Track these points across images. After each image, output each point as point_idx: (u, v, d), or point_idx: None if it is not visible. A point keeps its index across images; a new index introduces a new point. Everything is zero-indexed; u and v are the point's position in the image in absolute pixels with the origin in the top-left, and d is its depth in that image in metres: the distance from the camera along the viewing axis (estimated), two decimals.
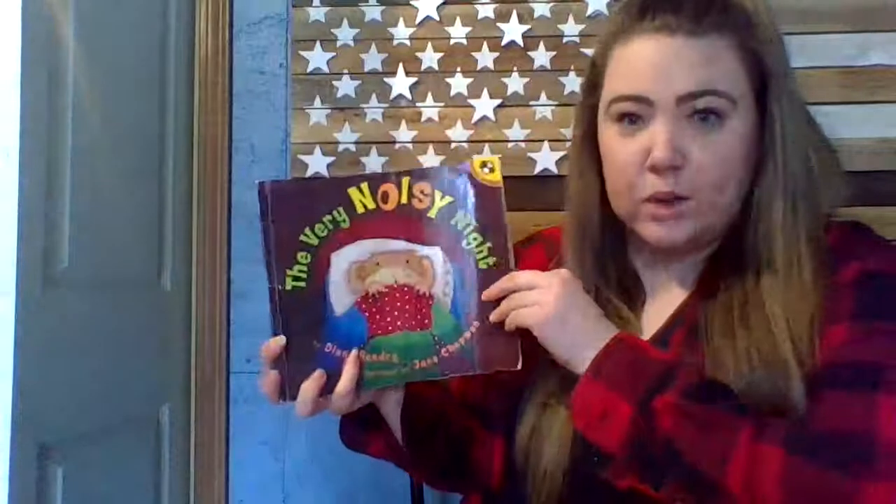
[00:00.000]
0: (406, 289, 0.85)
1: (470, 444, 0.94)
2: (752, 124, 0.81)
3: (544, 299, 0.79)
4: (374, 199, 0.85)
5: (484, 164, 0.86)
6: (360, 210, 0.85)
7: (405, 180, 0.85)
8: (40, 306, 1.18)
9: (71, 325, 1.27)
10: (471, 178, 0.86)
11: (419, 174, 0.86)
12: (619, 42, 0.82)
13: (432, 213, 0.85)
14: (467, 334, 0.84)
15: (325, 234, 0.84)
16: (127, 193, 1.45)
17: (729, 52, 0.79)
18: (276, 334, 0.83)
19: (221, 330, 1.68)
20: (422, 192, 0.85)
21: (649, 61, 0.79)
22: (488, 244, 0.85)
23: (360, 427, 0.92)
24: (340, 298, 0.84)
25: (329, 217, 0.84)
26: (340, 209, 0.84)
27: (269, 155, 1.70)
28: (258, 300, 1.67)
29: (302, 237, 0.84)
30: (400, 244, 0.85)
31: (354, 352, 0.83)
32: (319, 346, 0.83)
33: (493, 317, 0.83)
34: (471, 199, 0.86)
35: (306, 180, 0.85)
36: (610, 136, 0.84)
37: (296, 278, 0.84)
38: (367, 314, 0.84)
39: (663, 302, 0.87)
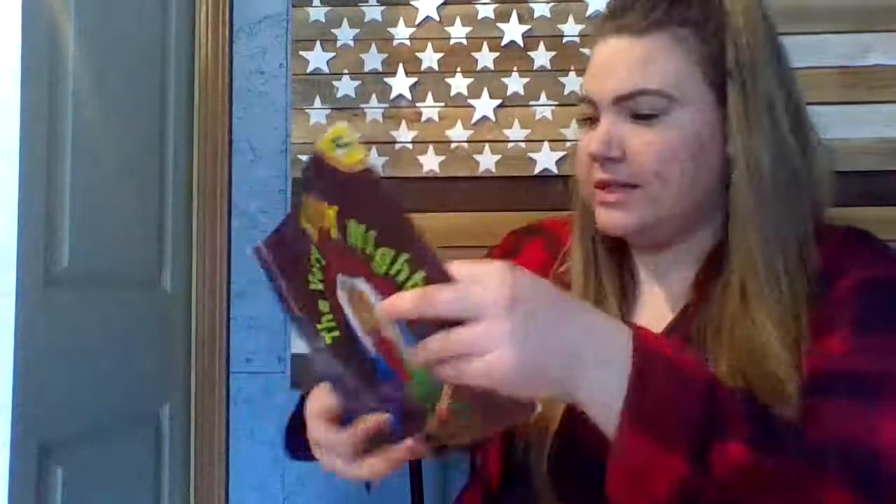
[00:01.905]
0: (375, 331, 0.63)
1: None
2: (709, 118, 0.80)
3: (494, 333, 0.54)
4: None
5: (336, 141, 0.59)
6: (316, 238, 0.66)
7: (303, 198, 0.64)
8: (40, 306, 1.18)
9: (71, 325, 1.27)
10: (327, 166, 0.60)
11: (303, 183, 0.65)
12: (595, 42, 0.85)
13: (334, 233, 0.62)
14: (447, 388, 0.59)
15: (321, 275, 0.67)
16: (127, 193, 1.45)
17: (676, 48, 0.79)
18: (346, 402, 0.68)
19: (221, 330, 1.68)
20: (314, 208, 0.63)
21: (597, 63, 0.83)
22: (405, 255, 0.57)
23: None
24: (363, 337, 0.65)
25: (314, 255, 0.66)
26: (311, 246, 0.66)
27: (269, 155, 1.70)
28: (258, 300, 1.67)
29: (311, 286, 0.67)
30: (345, 279, 0.65)
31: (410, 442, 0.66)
32: (383, 391, 0.66)
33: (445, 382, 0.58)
34: (347, 198, 0.60)
35: (280, 226, 0.69)
36: (581, 130, 0.87)
37: (329, 329, 0.67)
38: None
39: (657, 307, 0.87)
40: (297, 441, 0.88)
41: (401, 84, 1.66)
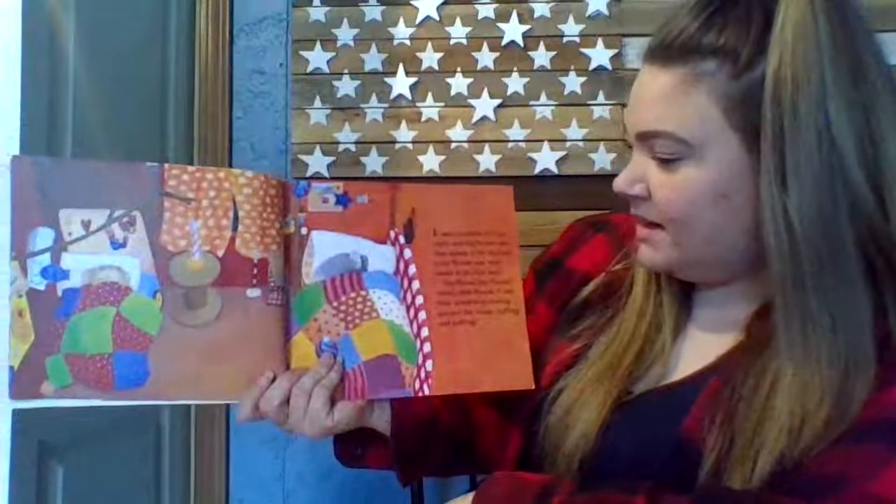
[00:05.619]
0: None
1: (473, 438, 0.93)
2: (736, 168, 0.70)
3: None
4: None
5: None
6: None
7: None
8: None
9: None
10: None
11: None
12: None
13: None
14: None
15: None
16: None
17: (697, 85, 0.69)
18: None
19: None
20: None
21: (632, 91, 0.76)
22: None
23: (358, 442, 0.91)
24: None
25: None
26: None
27: (269, 155, 1.71)
28: None
29: None
30: None
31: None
32: None
33: None
34: None
35: None
36: None
37: None
38: None
39: (707, 339, 0.80)
40: (346, 447, 0.91)
41: (401, 84, 1.66)
